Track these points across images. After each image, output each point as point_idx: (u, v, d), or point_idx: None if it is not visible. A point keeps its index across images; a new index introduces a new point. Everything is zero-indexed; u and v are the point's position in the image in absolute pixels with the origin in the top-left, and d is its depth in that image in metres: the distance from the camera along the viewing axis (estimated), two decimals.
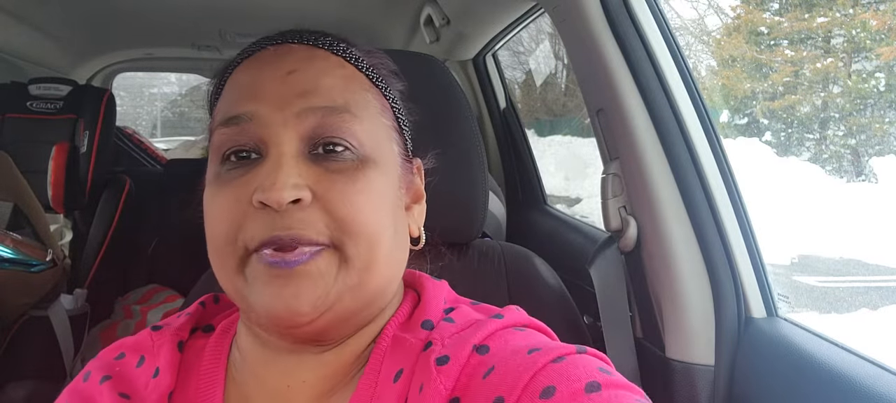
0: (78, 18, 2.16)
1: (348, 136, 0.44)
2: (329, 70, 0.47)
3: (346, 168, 0.44)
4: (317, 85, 0.45)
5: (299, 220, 0.42)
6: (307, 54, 0.48)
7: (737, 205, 0.85)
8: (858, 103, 8.60)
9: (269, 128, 0.44)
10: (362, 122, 0.45)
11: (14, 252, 1.55)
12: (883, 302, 4.39)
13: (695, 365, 0.84)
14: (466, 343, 0.44)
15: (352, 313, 0.45)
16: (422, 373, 0.44)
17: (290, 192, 0.41)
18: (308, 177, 0.43)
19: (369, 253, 0.44)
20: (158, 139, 9.72)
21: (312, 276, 0.42)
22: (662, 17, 0.90)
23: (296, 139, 0.44)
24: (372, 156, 0.45)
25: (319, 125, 0.44)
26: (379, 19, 2.11)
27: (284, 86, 0.45)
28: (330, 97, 0.45)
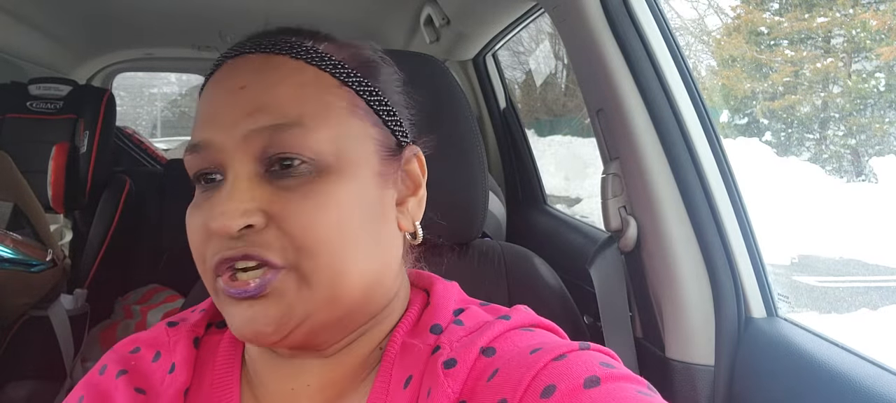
0: (78, 18, 2.16)
1: (301, 150, 0.42)
2: (282, 80, 0.44)
3: (302, 183, 0.42)
4: (265, 101, 0.43)
5: (252, 243, 0.41)
6: (261, 65, 0.45)
7: (737, 205, 0.85)
8: (858, 103, 8.60)
9: (223, 153, 0.43)
10: (318, 131, 0.43)
11: (14, 252, 1.55)
12: (883, 302, 4.39)
13: (695, 365, 0.84)
14: (473, 346, 0.44)
15: (333, 324, 0.45)
16: (430, 378, 0.43)
17: (237, 221, 0.41)
18: (262, 199, 0.42)
19: (333, 267, 0.42)
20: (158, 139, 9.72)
21: (271, 298, 0.42)
22: (662, 17, 0.90)
23: (249, 160, 0.43)
24: (333, 165, 0.43)
25: (269, 145, 0.42)
26: (379, 19, 2.11)
27: (234, 106, 0.43)
28: (280, 112, 0.43)
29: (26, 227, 1.67)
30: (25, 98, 2.16)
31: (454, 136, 0.81)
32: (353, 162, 0.44)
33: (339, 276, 0.43)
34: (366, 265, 0.44)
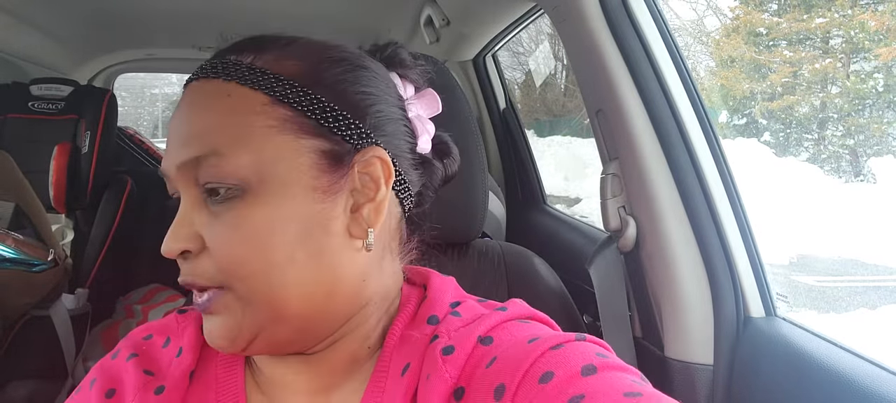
0: (79, 19, 2.16)
1: (221, 178, 0.43)
2: (209, 106, 0.45)
3: (227, 209, 0.43)
4: (190, 132, 0.45)
5: (191, 267, 0.45)
6: (196, 92, 0.47)
7: (735, 205, 0.86)
8: (857, 104, 8.61)
9: (172, 182, 0.47)
10: (237, 157, 0.43)
11: (16, 252, 1.56)
12: (881, 301, 4.39)
13: (694, 365, 0.84)
14: (471, 335, 0.46)
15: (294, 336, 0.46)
16: (429, 364, 0.45)
17: (174, 246, 0.45)
18: (200, 224, 0.44)
19: (267, 288, 0.43)
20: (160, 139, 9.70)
21: (220, 314, 0.45)
22: (661, 18, 0.90)
23: (191, 186, 0.45)
24: (255, 188, 0.43)
25: (197, 174, 0.44)
26: (379, 19, 2.11)
27: (175, 137, 0.46)
28: (199, 143, 0.44)
29: (28, 227, 1.68)
30: (27, 98, 2.16)
31: (454, 136, 0.81)
32: (280, 181, 0.44)
33: (274, 296, 0.43)
34: (305, 281, 0.44)
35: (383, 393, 0.46)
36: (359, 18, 2.12)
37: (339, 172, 0.46)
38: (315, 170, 0.45)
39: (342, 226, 0.46)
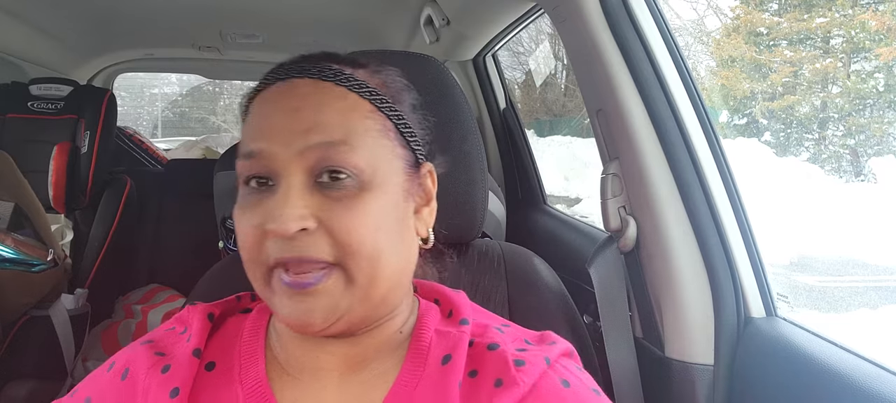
0: (79, 19, 2.16)
1: (347, 166, 0.49)
2: (330, 103, 0.51)
3: (346, 195, 0.49)
4: (317, 121, 0.50)
5: (306, 245, 0.48)
6: (311, 88, 0.52)
7: (736, 205, 0.86)
8: (857, 103, 8.60)
9: (278, 163, 0.50)
10: (360, 151, 0.50)
11: (15, 252, 1.56)
12: (882, 301, 4.39)
13: (694, 365, 0.84)
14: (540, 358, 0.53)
15: (363, 317, 0.52)
16: (495, 369, 0.52)
17: (295, 224, 0.47)
18: (313, 205, 0.48)
19: (371, 269, 0.49)
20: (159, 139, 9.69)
21: (323, 294, 0.49)
22: (662, 18, 0.90)
23: (301, 171, 0.49)
24: (371, 181, 0.50)
25: (321, 158, 0.49)
26: (379, 19, 2.11)
27: (291, 123, 0.50)
28: (329, 132, 0.50)
29: (27, 227, 1.68)
30: (26, 98, 2.16)
31: (454, 136, 0.81)
32: (386, 177, 0.52)
33: (375, 276, 0.50)
34: (394, 264, 0.52)
35: (422, 377, 0.52)
36: (359, 18, 2.12)
37: (413, 179, 0.56)
38: (403, 174, 0.54)
39: (412, 224, 0.56)
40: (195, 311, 0.58)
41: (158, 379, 0.52)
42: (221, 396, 0.53)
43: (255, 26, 2.26)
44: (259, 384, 0.53)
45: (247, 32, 2.31)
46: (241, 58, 2.72)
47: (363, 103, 0.53)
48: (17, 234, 1.60)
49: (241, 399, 0.53)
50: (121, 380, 0.54)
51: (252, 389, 0.53)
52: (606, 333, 0.91)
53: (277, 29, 2.28)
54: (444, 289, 0.62)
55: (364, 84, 0.54)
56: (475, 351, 0.54)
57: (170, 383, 0.52)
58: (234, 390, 0.53)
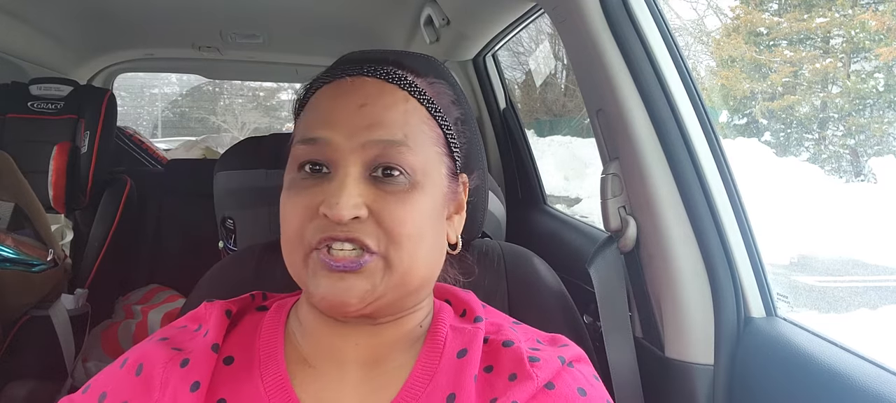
0: (79, 19, 2.16)
1: (403, 165, 0.53)
2: (394, 105, 0.56)
3: (399, 190, 0.53)
4: (382, 119, 0.54)
5: (357, 228, 0.52)
6: (378, 89, 0.56)
7: (736, 205, 0.86)
8: (857, 103, 8.61)
9: (339, 152, 0.53)
10: (415, 153, 0.54)
11: (15, 252, 1.56)
12: (882, 301, 4.39)
13: (694, 365, 0.84)
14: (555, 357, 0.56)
15: (394, 303, 0.55)
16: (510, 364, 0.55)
17: (350, 211, 0.51)
18: (366, 196, 0.52)
19: (410, 259, 0.53)
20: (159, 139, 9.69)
21: (363, 276, 0.52)
22: (662, 18, 0.90)
23: (359, 163, 0.53)
24: (421, 181, 0.54)
25: (380, 155, 0.53)
26: (379, 19, 2.11)
27: (356, 117, 0.54)
28: (391, 131, 0.54)
29: (27, 227, 1.68)
30: (26, 98, 2.16)
31: None
32: (433, 180, 0.56)
33: (412, 267, 0.54)
34: (429, 260, 0.56)
35: (437, 369, 0.55)
36: (359, 18, 2.12)
37: (452, 187, 0.60)
38: (445, 180, 0.58)
39: (445, 228, 0.60)
40: (213, 308, 0.60)
41: (178, 373, 0.53)
42: (242, 390, 0.54)
43: (255, 26, 2.26)
44: (280, 378, 0.55)
45: (247, 32, 2.31)
46: (241, 58, 2.72)
47: (421, 109, 0.57)
48: (17, 234, 1.59)
49: (263, 393, 0.54)
50: (135, 376, 0.55)
51: (273, 383, 0.54)
52: (606, 333, 0.91)
53: (277, 29, 2.28)
54: (455, 290, 0.65)
55: (423, 92, 0.58)
56: (490, 348, 0.57)
57: (190, 377, 0.53)
58: (254, 384, 0.54)
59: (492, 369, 0.55)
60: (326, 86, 0.59)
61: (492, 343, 0.57)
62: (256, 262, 0.83)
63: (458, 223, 0.63)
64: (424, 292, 0.59)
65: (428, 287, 0.59)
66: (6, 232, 1.58)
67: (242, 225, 1.06)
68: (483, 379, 0.55)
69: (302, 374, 0.56)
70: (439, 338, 0.58)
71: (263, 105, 16.00)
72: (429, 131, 0.57)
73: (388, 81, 0.57)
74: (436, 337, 0.58)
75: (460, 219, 0.64)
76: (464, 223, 0.64)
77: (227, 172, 1.07)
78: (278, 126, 15.08)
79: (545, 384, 0.53)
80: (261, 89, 15.33)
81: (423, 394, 0.54)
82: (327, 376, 0.56)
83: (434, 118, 0.58)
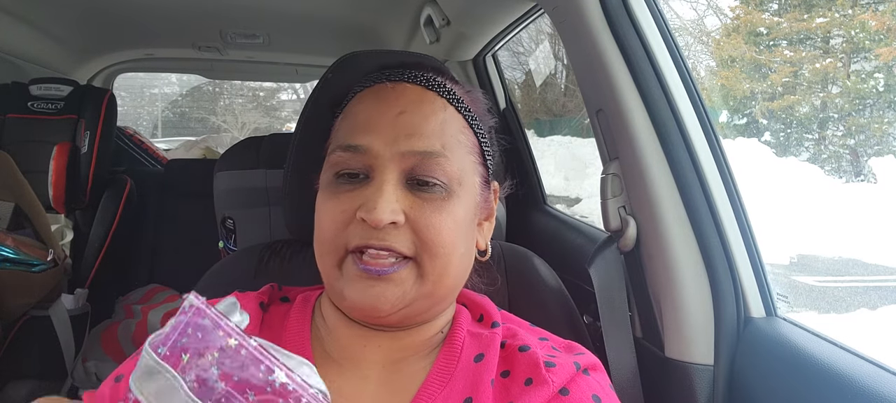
0: (79, 19, 2.16)
1: (439, 175, 0.54)
2: (433, 114, 0.56)
3: (435, 198, 0.54)
4: (421, 129, 0.55)
5: (392, 235, 0.52)
6: (418, 97, 0.57)
7: (736, 205, 0.86)
8: (857, 103, 8.61)
9: (378, 160, 0.54)
10: (452, 162, 0.55)
11: (15, 252, 1.56)
12: (882, 301, 4.39)
13: (694, 365, 0.84)
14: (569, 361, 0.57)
15: (423, 310, 0.56)
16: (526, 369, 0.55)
17: (389, 216, 0.52)
18: (403, 202, 0.53)
19: (442, 267, 0.54)
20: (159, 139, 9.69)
21: (396, 282, 0.53)
22: (662, 18, 0.90)
23: (397, 170, 0.54)
24: (456, 190, 0.55)
25: (418, 165, 0.54)
26: (379, 19, 2.11)
27: (395, 125, 0.55)
28: (430, 142, 0.55)
29: (27, 227, 1.68)
30: (26, 98, 2.16)
31: None
32: (467, 189, 0.57)
33: (443, 274, 0.55)
34: (460, 267, 0.57)
35: (454, 373, 0.56)
36: (359, 18, 2.11)
37: (484, 195, 0.61)
38: (478, 188, 0.59)
39: (475, 235, 0.61)
40: (248, 298, 0.61)
41: None
42: None
43: (255, 26, 2.26)
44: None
45: (247, 32, 2.31)
46: (241, 58, 2.72)
47: (458, 118, 0.58)
48: (17, 234, 1.60)
49: None
50: None
51: None
52: (606, 333, 0.91)
53: (277, 29, 2.28)
54: (472, 294, 0.66)
55: (461, 100, 0.59)
56: (507, 353, 0.58)
57: None
58: None
59: (508, 374, 0.56)
60: (367, 91, 0.59)
61: (508, 348, 0.58)
62: (256, 262, 0.83)
63: (487, 230, 0.64)
64: (451, 299, 0.60)
65: (455, 294, 0.60)
66: (6, 232, 1.58)
67: (242, 225, 1.06)
68: (499, 384, 0.55)
69: (326, 367, 0.57)
70: (457, 343, 0.58)
71: (263, 105, 16.00)
72: (465, 140, 0.58)
73: (427, 88, 0.58)
74: (453, 342, 0.58)
75: (490, 226, 0.64)
76: (492, 229, 0.65)
77: (227, 172, 1.07)
78: (278, 126, 15.08)
79: (560, 389, 0.54)
80: (261, 89, 15.34)
81: (440, 397, 0.54)
82: (348, 373, 0.57)
83: (470, 127, 0.59)
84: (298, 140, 0.75)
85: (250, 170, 1.04)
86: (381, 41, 2.22)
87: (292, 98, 14.21)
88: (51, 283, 1.74)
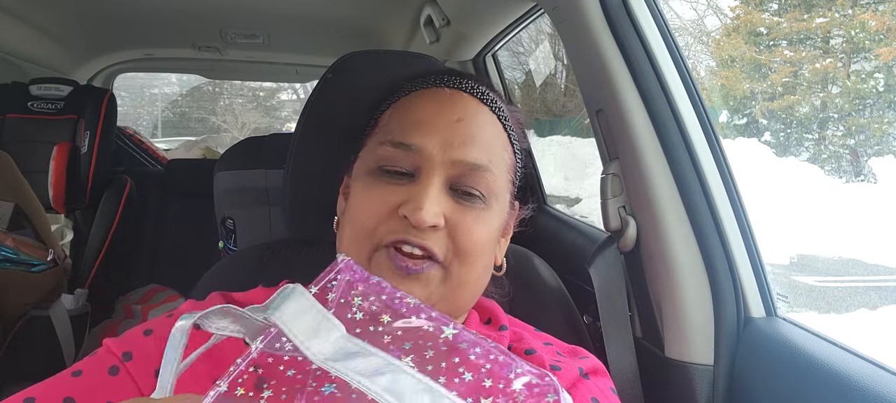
0: (79, 19, 2.16)
1: (482, 188, 0.56)
2: (486, 126, 0.58)
3: (474, 208, 0.56)
4: (476, 139, 0.56)
5: (430, 237, 0.53)
6: (474, 107, 0.58)
7: (736, 205, 0.86)
8: (857, 103, 8.61)
9: (429, 162, 0.55)
10: (495, 177, 0.57)
11: (15, 252, 1.56)
12: (881, 301, 4.39)
13: (694, 365, 0.84)
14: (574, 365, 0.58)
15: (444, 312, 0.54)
16: None
17: (432, 219, 0.52)
18: (445, 207, 0.54)
19: (467, 274, 0.55)
20: (159, 139, 9.69)
21: (423, 282, 0.54)
22: (662, 18, 0.90)
23: (444, 175, 0.55)
24: (493, 204, 0.57)
25: (466, 174, 0.55)
26: (379, 19, 2.11)
27: (451, 131, 0.56)
28: (481, 154, 0.56)
29: (27, 227, 1.67)
30: (26, 98, 2.16)
31: None
32: (501, 204, 0.59)
33: (466, 281, 0.56)
34: (482, 278, 0.59)
35: None
36: (359, 18, 2.11)
37: (510, 213, 0.62)
38: (507, 205, 0.61)
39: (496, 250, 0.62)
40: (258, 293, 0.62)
41: None
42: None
43: (255, 26, 2.26)
44: None
45: (247, 32, 2.31)
46: (241, 58, 2.72)
47: (504, 135, 0.60)
48: (17, 234, 1.59)
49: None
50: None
51: None
52: (606, 333, 0.91)
53: (277, 29, 2.28)
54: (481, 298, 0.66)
55: (508, 119, 0.61)
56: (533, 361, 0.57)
57: None
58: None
59: None
60: (424, 91, 0.60)
61: (515, 350, 0.59)
62: (256, 262, 0.83)
63: (503, 245, 0.65)
64: (468, 308, 0.61)
65: (472, 304, 0.61)
66: (6, 232, 1.58)
67: (242, 225, 1.06)
68: None
69: None
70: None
71: (263, 105, 16.00)
72: (506, 157, 0.60)
73: (483, 103, 0.59)
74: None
75: (505, 242, 0.65)
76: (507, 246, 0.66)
77: (227, 172, 1.07)
78: (278, 126, 15.08)
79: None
80: (261, 89, 15.33)
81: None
82: None
83: (512, 145, 0.61)
84: (299, 140, 0.75)
85: (250, 170, 1.04)
86: (382, 41, 2.22)
87: (292, 98, 14.21)
88: (51, 283, 1.74)
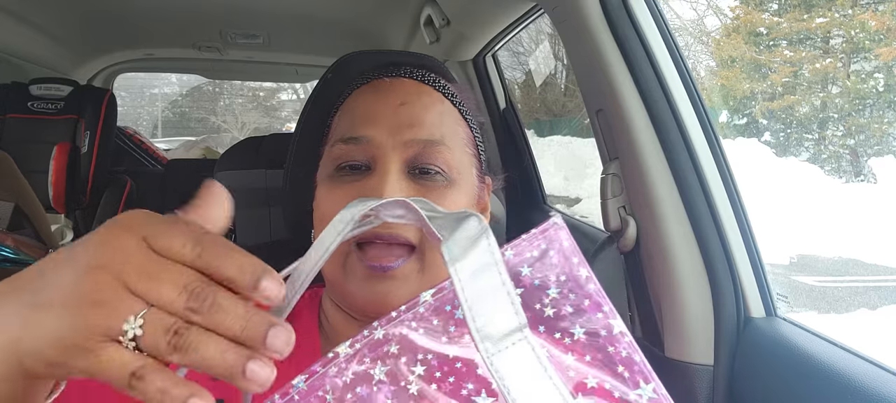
0: (79, 19, 2.16)
1: (441, 164, 0.55)
2: (432, 105, 0.58)
3: (436, 187, 0.55)
4: (422, 118, 0.56)
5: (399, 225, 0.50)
6: (416, 89, 0.59)
7: (736, 205, 0.86)
8: (857, 103, 8.61)
9: (380, 150, 0.54)
10: (452, 152, 0.56)
11: (15, 252, 1.56)
12: (881, 301, 4.39)
13: (694, 365, 0.84)
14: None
15: None
16: None
17: None
18: (407, 191, 0.53)
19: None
20: (159, 139, 9.69)
21: (401, 278, 0.53)
22: (662, 18, 0.90)
23: (399, 160, 0.54)
24: (456, 180, 0.56)
25: (420, 153, 0.55)
26: (379, 19, 2.11)
27: (396, 116, 0.56)
28: (430, 131, 0.56)
29: (27, 227, 1.67)
30: (26, 98, 2.16)
31: None
32: (466, 180, 0.58)
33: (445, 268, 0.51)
34: None
35: None
36: (359, 18, 2.12)
37: (479, 188, 0.61)
38: (475, 179, 0.60)
39: None
40: None
41: None
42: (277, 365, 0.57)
43: (255, 26, 2.26)
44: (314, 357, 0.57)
45: (247, 32, 2.31)
46: (241, 58, 2.72)
47: (454, 111, 0.60)
48: (17, 234, 1.60)
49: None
50: None
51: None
52: None
53: (277, 29, 2.28)
54: None
55: (455, 95, 0.61)
56: None
57: None
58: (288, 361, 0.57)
59: None
60: (364, 87, 0.60)
61: None
62: None
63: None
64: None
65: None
66: (6, 232, 1.58)
67: (242, 225, 1.06)
68: None
69: None
70: None
71: (263, 105, 16.01)
72: (462, 133, 0.59)
73: (425, 83, 0.60)
74: None
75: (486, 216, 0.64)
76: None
77: (227, 172, 1.07)
78: (278, 126, 15.08)
79: None
80: (261, 89, 15.34)
81: None
82: None
83: (465, 120, 0.61)
84: (298, 140, 0.75)
85: (250, 170, 1.04)
86: (382, 41, 2.22)
87: (292, 98, 14.22)
88: None
